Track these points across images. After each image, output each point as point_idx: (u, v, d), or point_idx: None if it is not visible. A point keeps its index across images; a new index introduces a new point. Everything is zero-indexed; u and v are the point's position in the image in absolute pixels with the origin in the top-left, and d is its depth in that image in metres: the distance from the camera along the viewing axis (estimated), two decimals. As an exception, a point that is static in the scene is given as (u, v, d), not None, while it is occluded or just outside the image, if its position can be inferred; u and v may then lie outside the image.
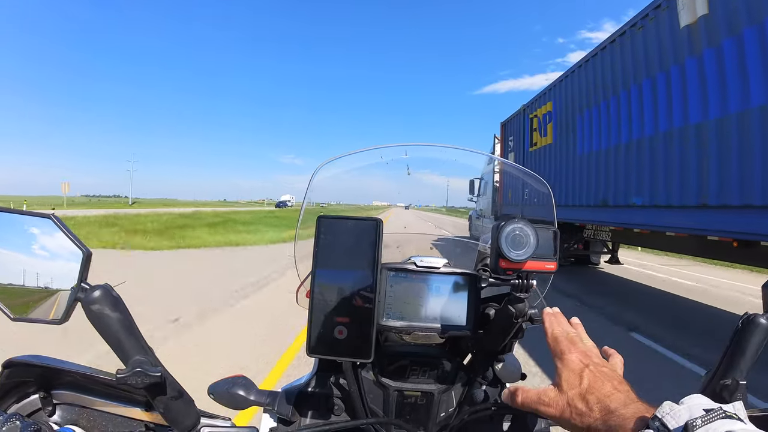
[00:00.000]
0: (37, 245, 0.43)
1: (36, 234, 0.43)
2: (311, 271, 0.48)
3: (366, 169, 0.77)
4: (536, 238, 0.49)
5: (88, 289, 0.42)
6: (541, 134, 8.11)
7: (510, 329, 0.56)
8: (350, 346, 0.47)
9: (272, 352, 3.40)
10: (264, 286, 6.08)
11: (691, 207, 4.21)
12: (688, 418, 0.31)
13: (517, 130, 9.68)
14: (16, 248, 0.43)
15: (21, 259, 0.43)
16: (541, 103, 8.10)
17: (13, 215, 0.43)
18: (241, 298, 5.30)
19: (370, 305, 0.47)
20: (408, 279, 0.61)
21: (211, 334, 3.84)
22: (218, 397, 0.60)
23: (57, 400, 0.53)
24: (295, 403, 0.62)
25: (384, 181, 0.87)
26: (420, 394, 0.64)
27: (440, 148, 0.78)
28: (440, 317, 0.61)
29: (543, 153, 8.08)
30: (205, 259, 9.15)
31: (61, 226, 0.43)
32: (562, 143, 7.22)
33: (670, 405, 0.34)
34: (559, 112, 7.29)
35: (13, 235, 0.43)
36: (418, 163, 0.84)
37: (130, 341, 0.43)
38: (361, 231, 0.48)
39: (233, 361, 3.14)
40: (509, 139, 10.25)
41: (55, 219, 0.42)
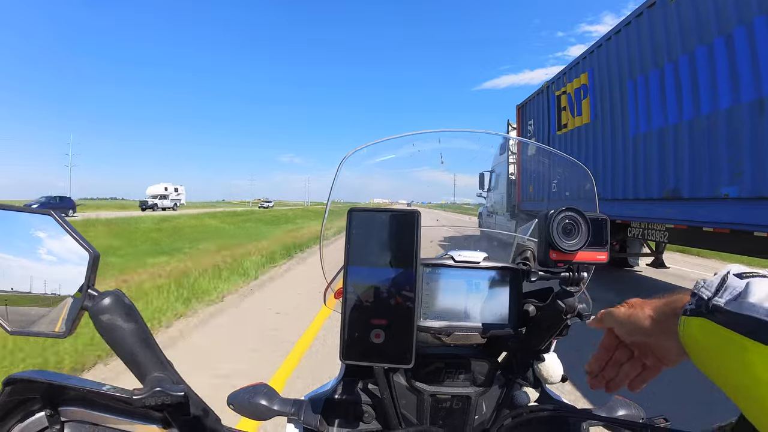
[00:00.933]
0: (38, 246, 0.40)
1: (36, 234, 0.40)
2: (342, 268, 0.45)
3: (381, 170, 0.75)
4: (588, 227, 0.48)
5: (96, 296, 0.39)
6: (572, 113, 6.71)
7: (556, 326, 0.53)
8: (389, 351, 0.44)
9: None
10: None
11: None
12: (717, 285, 0.35)
13: (539, 111, 8.24)
14: (14, 250, 0.39)
15: (20, 263, 0.39)
16: (572, 75, 6.68)
17: (9, 212, 0.40)
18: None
19: (410, 305, 0.44)
20: (445, 275, 0.59)
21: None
22: (239, 407, 0.58)
23: (65, 418, 0.46)
24: (322, 411, 0.60)
25: (383, 178, 0.82)
26: (455, 398, 0.61)
27: (469, 135, 0.76)
28: (481, 315, 0.59)
29: (576, 136, 6.70)
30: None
31: (64, 224, 0.40)
32: (604, 121, 5.85)
33: (704, 279, 0.38)
34: (599, 84, 5.92)
35: (10, 235, 0.39)
36: (435, 155, 0.80)
37: (147, 355, 0.40)
38: (398, 224, 0.44)
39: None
40: (528, 124, 8.74)
41: (57, 216, 0.39)
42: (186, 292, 4.74)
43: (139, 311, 0.41)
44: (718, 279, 0.37)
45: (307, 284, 5.87)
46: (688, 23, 4.00)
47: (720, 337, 0.33)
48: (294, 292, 5.31)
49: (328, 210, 0.70)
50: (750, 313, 0.32)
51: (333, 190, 0.68)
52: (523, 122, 9.16)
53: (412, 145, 0.74)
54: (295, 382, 2.54)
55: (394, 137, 0.71)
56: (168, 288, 4.80)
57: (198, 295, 4.77)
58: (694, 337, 0.37)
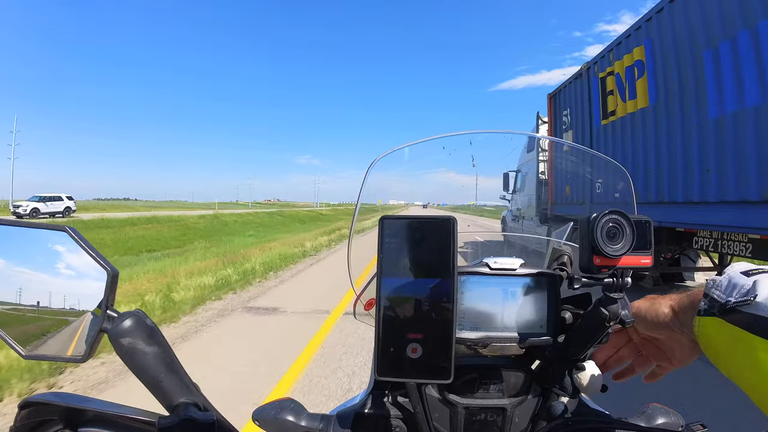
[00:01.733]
0: (53, 264, 0.38)
1: (51, 251, 0.39)
2: (376, 279, 0.43)
3: (396, 171, 0.75)
4: (633, 230, 0.47)
5: (115, 317, 0.38)
6: (623, 97, 5.55)
7: (598, 334, 0.52)
8: (427, 366, 0.41)
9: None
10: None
11: None
12: (726, 285, 0.38)
13: (576, 99, 7.08)
14: (29, 268, 0.38)
15: (34, 282, 0.38)
16: (621, 51, 5.52)
17: (23, 229, 0.39)
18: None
19: (448, 317, 0.41)
20: (481, 283, 0.58)
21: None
22: (264, 424, 0.56)
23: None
24: (351, 426, 0.59)
25: (399, 179, 0.80)
26: (490, 410, 0.59)
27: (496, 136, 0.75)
28: (518, 324, 0.58)
29: (628, 125, 5.52)
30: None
31: (79, 240, 0.38)
32: (669, 103, 4.70)
33: (714, 279, 0.40)
34: (661, 58, 4.81)
35: (23, 253, 0.38)
36: (447, 163, 0.81)
37: (172, 380, 0.39)
38: (433, 232, 0.42)
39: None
40: (563, 114, 7.52)
41: (72, 232, 0.38)
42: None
43: (162, 332, 0.39)
44: (726, 279, 0.39)
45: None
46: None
47: (732, 335, 0.35)
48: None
49: (355, 217, 0.70)
50: (758, 312, 0.34)
51: (361, 195, 0.68)
52: (556, 113, 7.94)
53: (442, 148, 0.74)
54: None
55: (423, 141, 0.71)
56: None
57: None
58: (708, 336, 0.39)
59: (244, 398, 2.58)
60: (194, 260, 8.63)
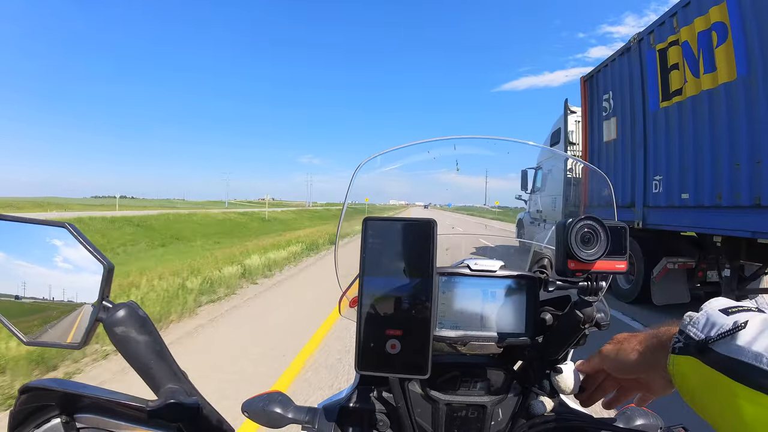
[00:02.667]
0: (52, 258, 0.42)
1: (51, 245, 0.42)
2: (358, 278, 0.47)
3: (397, 172, 0.78)
4: (607, 236, 0.50)
5: (110, 308, 0.42)
6: (695, 70, 4.62)
7: (574, 336, 0.55)
8: (405, 362, 0.46)
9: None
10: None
11: None
12: (704, 323, 0.37)
13: (623, 79, 6.16)
14: (29, 261, 0.42)
15: (34, 274, 0.41)
16: (690, 14, 4.63)
17: (22, 224, 0.42)
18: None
19: (426, 315, 0.45)
20: (461, 284, 0.61)
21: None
22: (253, 415, 0.59)
23: (81, 425, 0.50)
24: (336, 419, 0.62)
25: (401, 180, 0.84)
26: (471, 407, 0.63)
27: (488, 142, 0.79)
28: (497, 324, 0.61)
29: (705, 104, 4.47)
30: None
31: (78, 236, 0.42)
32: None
33: (691, 315, 0.40)
34: (754, 15, 3.87)
35: (24, 247, 0.42)
36: (459, 160, 0.84)
37: (161, 367, 0.43)
38: (413, 233, 0.46)
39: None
40: (603, 99, 6.39)
41: (71, 228, 0.42)
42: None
43: (153, 322, 0.43)
44: (704, 316, 0.38)
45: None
46: None
47: (709, 378, 0.35)
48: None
49: (343, 217, 0.73)
50: (738, 357, 0.33)
51: (348, 197, 0.71)
52: (592, 99, 6.80)
53: (427, 152, 0.77)
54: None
55: (407, 145, 0.74)
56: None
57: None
58: (683, 375, 0.38)
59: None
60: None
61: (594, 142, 7.01)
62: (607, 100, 6.53)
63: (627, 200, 5.99)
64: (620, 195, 6.14)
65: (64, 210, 32.00)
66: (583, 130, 7.40)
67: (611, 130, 6.40)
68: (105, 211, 30.16)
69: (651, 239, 5.60)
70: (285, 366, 3.25)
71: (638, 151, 5.64)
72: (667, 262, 5.26)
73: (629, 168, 5.90)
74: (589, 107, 7.19)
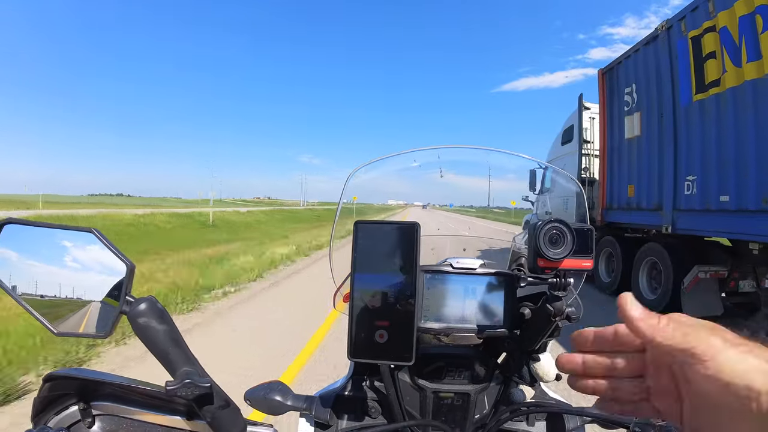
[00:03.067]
0: (80, 259, 0.48)
1: (78, 248, 0.48)
2: (350, 275, 0.54)
3: (396, 173, 0.86)
4: (573, 237, 0.54)
5: (133, 302, 0.46)
6: (736, 59, 4.22)
7: (547, 328, 0.60)
8: (392, 350, 0.52)
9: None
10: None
11: None
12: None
13: (648, 71, 5.81)
14: (58, 262, 0.47)
15: (63, 273, 0.47)
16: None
17: (54, 230, 0.48)
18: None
19: (410, 308, 0.52)
20: (445, 281, 0.66)
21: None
22: (255, 403, 0.65)
23: (97, 411, 0.56)
24: (332, 406, 0.69)
25: (398, 180, 0.91)
26: (456, 395, 0.69)
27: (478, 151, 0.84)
28: (477, 318, 0.66)
29: (749, 95, 4.08)
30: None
31: (103, 239, 0.47)
32: None
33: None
34: None
35: (55, 250, 0.47)
36: (451, 165, 0.90)
37: (177, 353, 0.47)
38: (400, 235, 0.53)
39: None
40: (625, 93, 5.96)
41: (97, 233, 0.47)
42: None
43: (170, 315, 0.49)
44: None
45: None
46: None
47: None
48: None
49: (336, 219, 0.79)
50: None
51: (341, 202, 0.79)
52: (612, 93, 6.38)
53: (413, 161, 0.83)
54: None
55: (396, 154, 0.82)
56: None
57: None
58: None
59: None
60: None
61: (613, 139, 6.59)
62: (630, 94, 6.14)
63: (652, 202, 5.62)
64: (644, 197, 5.81)
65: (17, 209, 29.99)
66: (601, 127, 6.99)
67: (634, 126, 5.99)
68: (40, 210, 28.55)
69: (679, 245, 5.24)
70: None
71: (667, 148, 5.22)
72: (699, 271, 4.87)
73: (655, 167, 5.50)
74: (608, 102, 6.79)
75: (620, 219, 6.45)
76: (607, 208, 6.73)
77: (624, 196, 6.24)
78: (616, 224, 6.62)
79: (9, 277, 0.46)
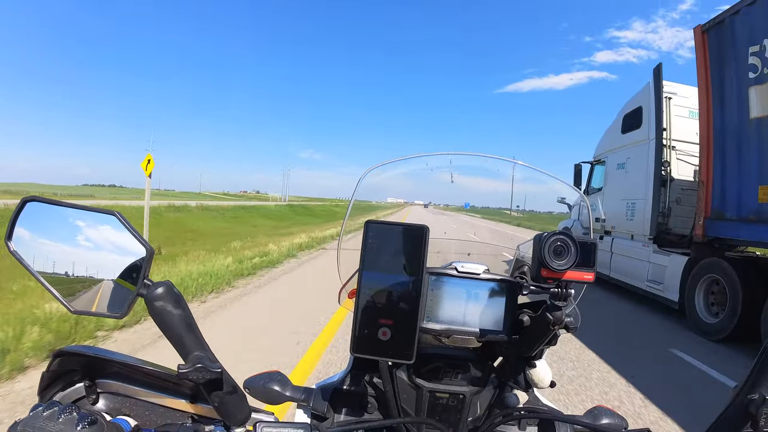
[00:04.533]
0: (98, 239, 0.49)
1: (100, 230, 0.49)
2: (358, 272, 0.56)
3: (406, 174, 0.89)
4: (577, 249, 0.57)
5: (150, 285, 0.48)
6: None
7: (545, 336, 0.63)
8: (393, 348, 0.54)
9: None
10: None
11: None
12: None
13: None
14: (77, 241, 0.49)
15: (80, 252, 0.49)
16: None
17: (77, 210, 0.49)
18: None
19: (414, 308, 0.54)
20: (449, 283, 0.70)
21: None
22: (254, 392, 0.69)
23: (101, 389, 0.59)
24: (329, 399, 0.72)
25: (402, 179, 0.93)
26: (452, 396, 0.72)
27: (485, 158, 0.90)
28: (478, 321, 0.69)
29: None
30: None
31: (125, 223, 0.49)
32: None
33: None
34: None
35: (76, 230, 0.49)
36: (462, 170, 0.97)
37: (191, 337, 0.49)
38: (409, 237, 0.55)
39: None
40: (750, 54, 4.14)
41: (120, 216, 0.49)
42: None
43: (185, 300, 0.51)
44: None
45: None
46: None
47: None
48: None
49: (347, 218, 0.83)
50: None
51: (351, 204, 0.83)
52: (723, 56, 4.71)
53: (425, 164, 0.87)
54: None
55: (410, 157, 0.84)
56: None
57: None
58: None
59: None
60: None
61: (726, 121, 5.04)
62: (759, 55, 4.34)
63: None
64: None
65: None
66: (702, 104, 5.41)
67: (765, 100, 4.16)
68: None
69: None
70: None
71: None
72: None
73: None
74: (713, 69, 5.32)
75: (739, 235, 5.16)
76: (715, 217, 5.14)
77: (747, 202, 4.84)
78: (727, 241, 4.87)
79: (28, 253, 0.49)
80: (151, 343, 3.89)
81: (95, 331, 4.10)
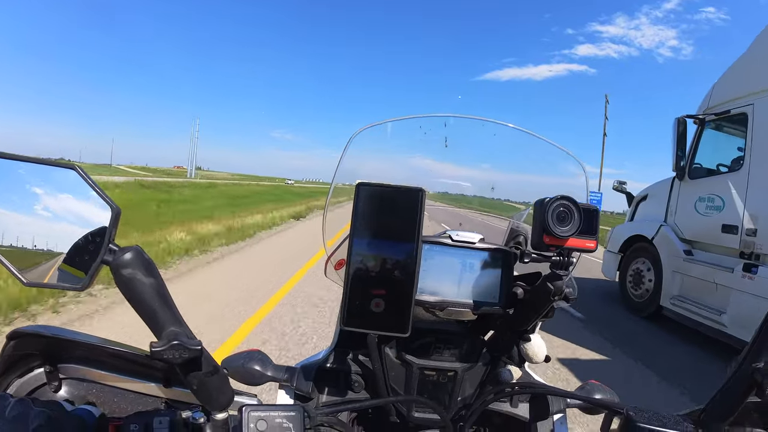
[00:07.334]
0: (58, 200, 0.44)
1: (59, 187, 0.44)
2: (348, 239, 0.54)
3: (394, 146, 0.84)
4: (580, 216, 0.57)
5: (116, 251, 0.43)
6: None
7: (543, 307, 0.63)
8: (387, 320, 0.52)
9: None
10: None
11: None
12: None
13: None
14: (33, 203, 0.43)
15: (38, 216, 0.43)
16: None
17: (32, 165, 0.44)
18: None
19: (409, 278, 0.52)
20: (442, 253, 0.69)
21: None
22: (233, 372, 0.65)
23: (64, 375, 0.55)
24: (313, 379, 0.70)
25: (385, 163, 0.87)
26: (442, 372, 0.72)
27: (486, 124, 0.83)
28: (473, 293, 0.69)
29: None
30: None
31: (87, 179, 0.44)
32: None
33: None
34: None
35: (29, 188, 0.43)
36: (445, 142, 0.87)
37: (165, 311, 0.45)
38: (403, 200, 0.52)
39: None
40: None
41: (80, 171, 0.44)
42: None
43: (157, 267, 0.46)
44: None
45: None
46: None
47: None
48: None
49: (332, 189, 0.80)
50: None
51: (338, 169, 0.77)
52: None
53: (419, 127, 0.81)
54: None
55: (403, 118, 0.79)
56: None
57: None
58: None
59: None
60: None
61: None
62: None
63: None
64: None
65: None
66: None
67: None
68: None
69: None
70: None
71: None
72: None
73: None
74: None
75: None
76: None
77: None
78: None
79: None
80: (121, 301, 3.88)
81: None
